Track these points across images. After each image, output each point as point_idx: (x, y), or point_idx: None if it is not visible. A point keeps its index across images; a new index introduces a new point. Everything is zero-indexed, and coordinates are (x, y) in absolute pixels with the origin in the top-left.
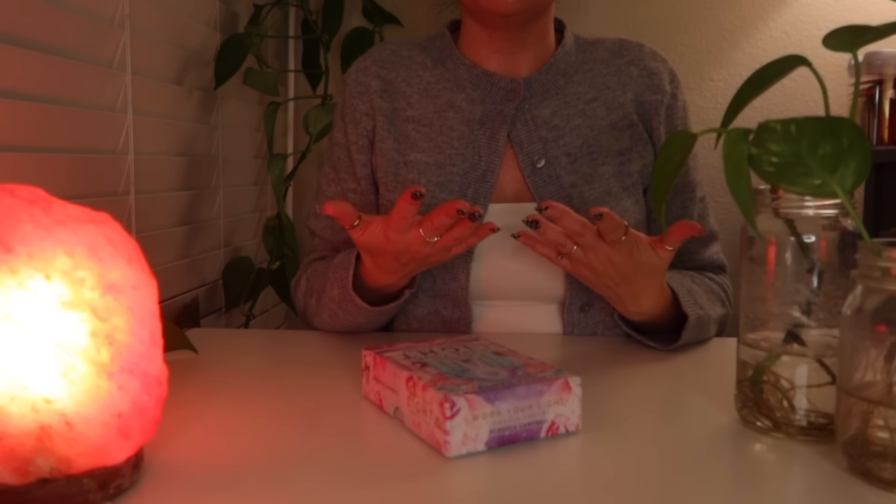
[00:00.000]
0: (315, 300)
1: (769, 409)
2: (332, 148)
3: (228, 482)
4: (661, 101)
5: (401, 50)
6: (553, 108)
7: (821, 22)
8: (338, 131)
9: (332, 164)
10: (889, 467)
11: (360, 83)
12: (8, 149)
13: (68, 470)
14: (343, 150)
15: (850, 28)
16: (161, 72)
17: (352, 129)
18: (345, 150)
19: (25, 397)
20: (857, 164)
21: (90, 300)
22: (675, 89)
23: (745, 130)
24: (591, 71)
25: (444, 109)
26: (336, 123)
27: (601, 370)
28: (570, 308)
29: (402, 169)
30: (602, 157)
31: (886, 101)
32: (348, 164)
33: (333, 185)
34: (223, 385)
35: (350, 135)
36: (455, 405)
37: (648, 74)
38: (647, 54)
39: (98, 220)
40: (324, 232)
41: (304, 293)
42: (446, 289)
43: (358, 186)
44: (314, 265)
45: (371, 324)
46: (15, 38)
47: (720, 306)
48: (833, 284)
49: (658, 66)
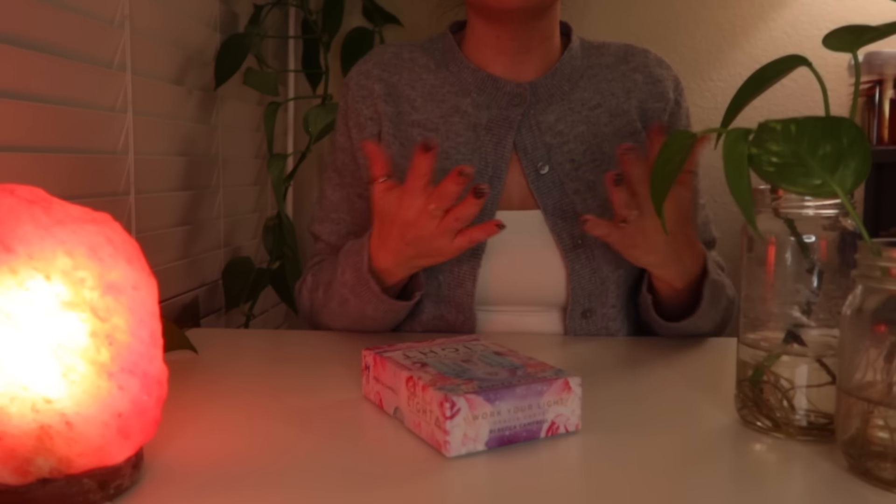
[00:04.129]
0: (323, 291)
1: (769, 409)
2: (335, 152)
3: (228, 482)
4: (664, 108)
5: (402, 52)
6: (558, 114)
7: (821, 22)
8: (341, 135)
9: (336, 168)
10: (889, 467)
11: (362, 87)
12: (8, 149)
13: (68, 470)
14: (347, 155)
15: (850, 28)
16: (161, 72)
17: (356, 133)
18: (349, 155)
19: (25, 397)
20: (857, 164)
21: (90, 300)
22: (678, 97)
23: (745, 130)
24: (596, 76)
25: (449, 114)
26: (338, 127)
27: (601, 370)
28: (571, 314)
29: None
30: (605, 163)
31: (886, 101)
32: (354, 169)
33: (339, 189)
34: (223, 385)
35: (355, 139)
36: (455, 405)
37: (653, 82)
38: (653, 61)
39: (98, 220)
40: (329, 237)
41: (310, 289)
42: (452, 294)
43: (365, 192)
44: (320, 265)
45: (378, 319)
46: (15, 38)
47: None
48: (833, 284)
49: (663, 73)
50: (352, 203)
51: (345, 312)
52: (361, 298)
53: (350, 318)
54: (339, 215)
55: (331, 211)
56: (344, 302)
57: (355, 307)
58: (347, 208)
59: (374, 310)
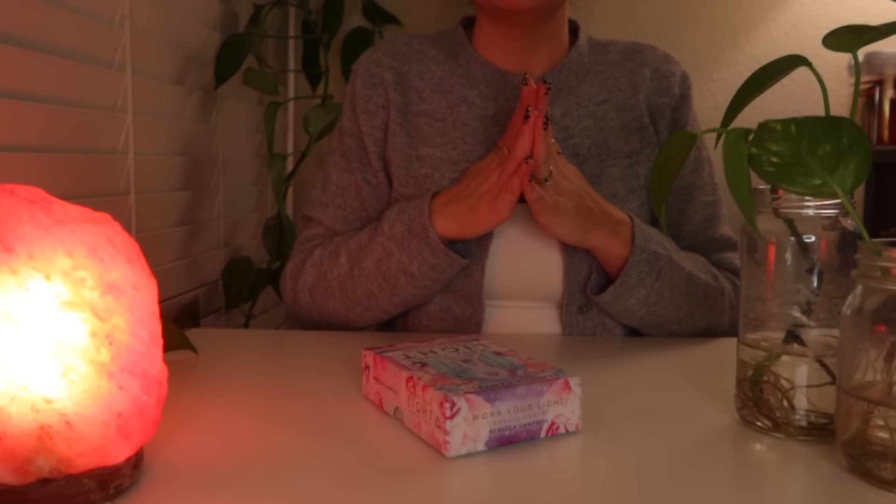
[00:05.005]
0: (346, 258)
1: (769, 409)
2: (342, 137)
3: (228, 482)
4: (669, 103)
5: (412, 43)
6: (564, 109)
7: (821, 22)
8: (348, 120)
9: (343, 153)
10: (889, 467)
11: (373, 74)
12: (8, 149)
13: (68, 470)
14: (356, 140)
15: (850, 28)
16: (161, 72)
17: (365, 120)
18: (357, 140)
19: (25, 397)
20: (857, 164)
21: (90, 300)
22: (685, 91)
23: (745, 130)
24: (603, 73)
25: (456, 105)
26: (345, 112)
27: (601, 370)
28: (568, 310)
29: (415, 163)
30: (610, 158)
31: (886, 101)
32: (362, 155)
33: (346, 174)
34: (223, 385)
35: (363, 126)
36: (455, 405)
37: (660, 77)
38: (660, 57)
39: (98, 220)
40: (332, 222)
41: (316, 264)
42: (461, 285)
43: (374, 178)
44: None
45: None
46: (15, 38)
47: (705, 274)
48: (833, 284)
49: (671, 68)
50: (359, 189)
51: (378, 271)
52: (410, 251)
53: (378, 282)
54: (345, 200)
55: (336, 196)
56: (386, 257)
57: (398, 263)
58: (355, 194)
59: (420, 265)
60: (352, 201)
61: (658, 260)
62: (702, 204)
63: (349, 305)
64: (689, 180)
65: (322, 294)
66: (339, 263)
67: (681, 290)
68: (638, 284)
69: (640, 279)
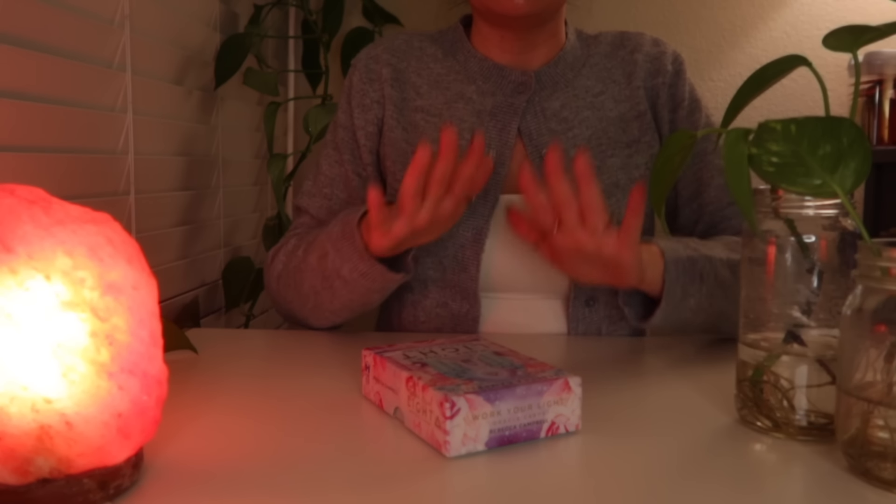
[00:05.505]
0: (304, 250)
1: (769, 409)
2: (335, 129)
3: (228, 482)
4: (664, 82)
5: (412, 40)
6: (562, 101)
7: (821, 22)
8: (343, 113)
9: (336, 145)
10: (889, 467)
11: (371, 70)
12: (8, 149)
13: (68, 470)
14: (349, 133)
15: (850, 28)
16: (161, 72)
17: (359, 113)
18: (350, 133)
19: (25, 397)
20: (857, 164)
21: (90, 300)
22: (677, 67)
23: (745, 130)
24: (597, 65)
25: (453, 101)
26: (341, 105)
27: (601, 370)
28: (574, 303)
29: (411, 159)
30: (610, 149)
31: (886, 101)
32: (353, 148)
33: (337, 166)
34: (223, 385)
35: (357, 119)
36: (455, 405)
37: (651, 59)
38: (649, 41)
39: (98, 220)
40: (318, 212)
41: (287, 253)
42: (456, 279)
43: (364, 172)
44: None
45: (350, 286)
46: (15, 38)
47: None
48: (833, 284)
49: (660, 49)
50: (348, 180)
51: (323, 268)
52: (342, 253)
53: (327, 275)
54: (332, 191)
55: (324, 186)
56: (323, 256)
57: (332, 264)
58: (343, 185)
59: (351, 270)
60: (339, 192)
61: (695, 264)
62: (718, 167)
63: (300, 300)
64: (700, 147)
65: (284, 283)
66: (298, 255)
67: (728, 282)
68: (685, 296)
69: (686, 290)
